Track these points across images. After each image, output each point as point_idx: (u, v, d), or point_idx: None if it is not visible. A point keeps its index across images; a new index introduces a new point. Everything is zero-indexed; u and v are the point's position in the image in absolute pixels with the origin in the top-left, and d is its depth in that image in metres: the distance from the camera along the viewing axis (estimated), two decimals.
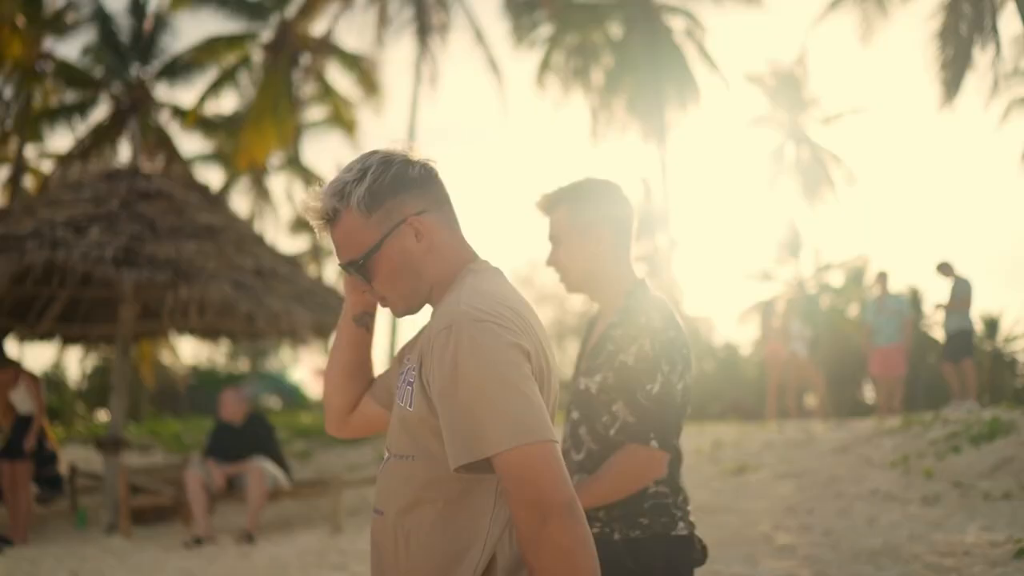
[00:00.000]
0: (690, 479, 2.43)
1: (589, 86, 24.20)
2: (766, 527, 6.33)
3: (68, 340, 11.90)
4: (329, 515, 8.46)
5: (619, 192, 2.40)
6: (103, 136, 24.94)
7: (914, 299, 25.07)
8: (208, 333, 11.39)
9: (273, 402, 34.51)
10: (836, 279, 30.66)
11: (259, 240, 10.71)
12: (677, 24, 23.86)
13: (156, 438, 14.72)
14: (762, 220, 51.39)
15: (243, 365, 37.85)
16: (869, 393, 26.58)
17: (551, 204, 2.38)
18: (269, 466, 8.19)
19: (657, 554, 2.26)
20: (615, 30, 23.90)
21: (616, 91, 23.79)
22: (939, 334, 17.40)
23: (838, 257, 32.29)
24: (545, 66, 24.05)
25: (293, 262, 11.25)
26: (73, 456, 11.60)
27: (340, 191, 1.68)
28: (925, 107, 65.49)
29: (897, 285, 24.29)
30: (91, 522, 8.96)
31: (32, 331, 10.59)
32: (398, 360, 1.85)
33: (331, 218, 1.69)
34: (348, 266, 1.72)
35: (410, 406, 1.64)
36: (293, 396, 35.16)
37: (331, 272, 23.34)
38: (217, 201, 11.15)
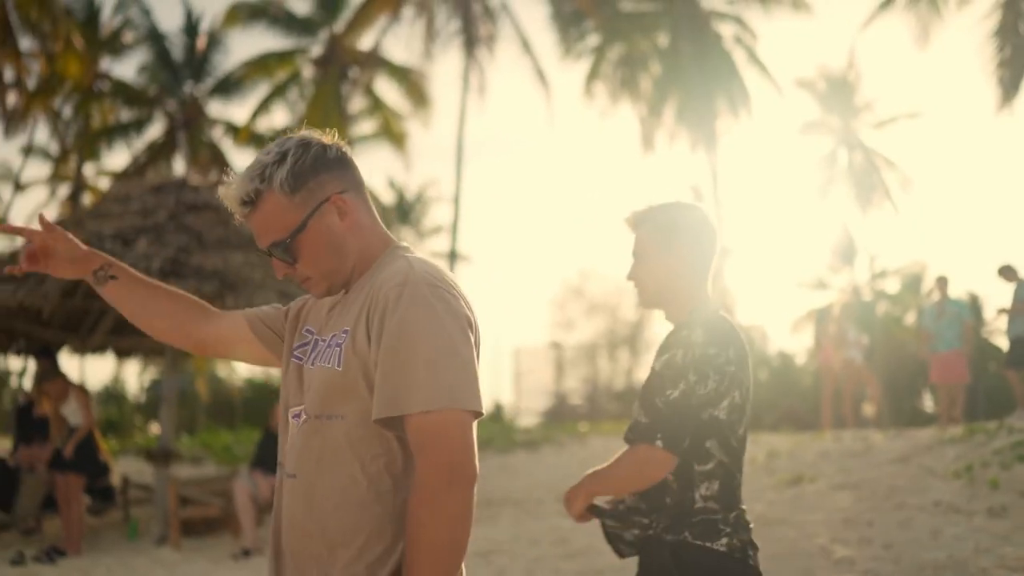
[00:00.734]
0: (744, 490, 2.37)
1: (637, 95, 24.07)
2: (823, 540, 6.12)
3: (121, 353, 12.05)
4: None
5: (703, 216, 2.45)
6: (158, 153, 25.44)
7: (974, 305, 24.48)
8: None
9: None
10: (892, 286, 30.10)
11: None
12: (726, 30, 23.63)
13: (208, 450, 14.87)
14: (815, 227, 50.77)
15: None
16: (928, 402, 26.01)
17: (638, 221, 2.46)
18: None
19: (702, 565, 2.25)
20: (663, 39, 23.74)
21: (665, 100, 23.61)
22: (1001, 341, 16.94)
23: (894, 263, 31.70)
24: (593, 75, 23.97)
25: None
26: (128, 468, 11.73)
27: (261, 173, 1.68)
28: (982, 109, 64.22)
29: (956, 291, 23.72)
30: (142, 533, 9.03)
31: (85, 344, 10.73)
32: (293, 322, 1.86)
33: (252, 201, 1.69)
34: (273, 247, 1.71)
35: (339, 366, 1.64)
36: None
37: None
38: None
